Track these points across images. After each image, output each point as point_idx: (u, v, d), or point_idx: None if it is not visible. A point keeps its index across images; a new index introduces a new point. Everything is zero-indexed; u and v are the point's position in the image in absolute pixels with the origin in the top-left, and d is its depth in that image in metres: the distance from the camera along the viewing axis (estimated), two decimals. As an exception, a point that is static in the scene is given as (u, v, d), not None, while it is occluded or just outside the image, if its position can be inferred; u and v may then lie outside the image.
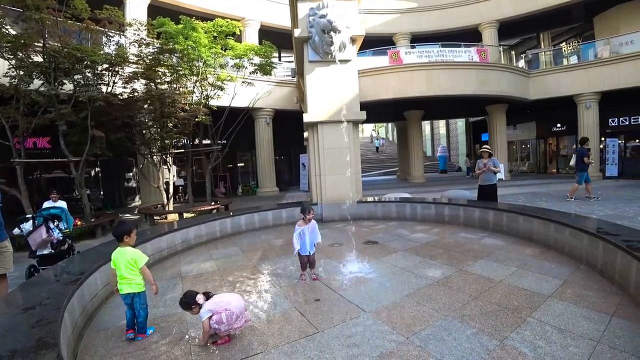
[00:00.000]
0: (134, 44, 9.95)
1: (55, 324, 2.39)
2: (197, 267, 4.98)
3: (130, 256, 2.88)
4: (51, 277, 3.56)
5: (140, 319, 2.92)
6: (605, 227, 4.27)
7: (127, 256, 2.88)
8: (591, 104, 15.43)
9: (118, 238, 2.95)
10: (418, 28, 19.24)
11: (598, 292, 3.36)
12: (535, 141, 21.45)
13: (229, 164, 18.65)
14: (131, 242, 2.98)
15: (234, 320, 2.68)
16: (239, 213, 7.52)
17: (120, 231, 2.95)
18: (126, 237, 2.95)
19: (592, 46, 16.47)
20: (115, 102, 8.76)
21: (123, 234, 2.94)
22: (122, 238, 2.94)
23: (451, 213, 6.97)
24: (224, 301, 2.73)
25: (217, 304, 2.70)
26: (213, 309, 2.67)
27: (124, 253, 2.90)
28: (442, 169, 26.28)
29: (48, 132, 10.45)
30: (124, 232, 2.95)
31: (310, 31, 7.41)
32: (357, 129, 8.49)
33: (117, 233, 2.96)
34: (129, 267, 2.86)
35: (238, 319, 2.70)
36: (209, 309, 2.66)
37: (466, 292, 3.53)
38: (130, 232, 2.97)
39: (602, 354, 2.37)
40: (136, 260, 2.88)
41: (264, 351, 2.62)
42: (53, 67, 8.07)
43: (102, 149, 9.18)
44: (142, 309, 2.92)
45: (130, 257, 2.88)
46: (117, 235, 2.95)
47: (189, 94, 10.80)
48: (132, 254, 2.90)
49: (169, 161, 11.56)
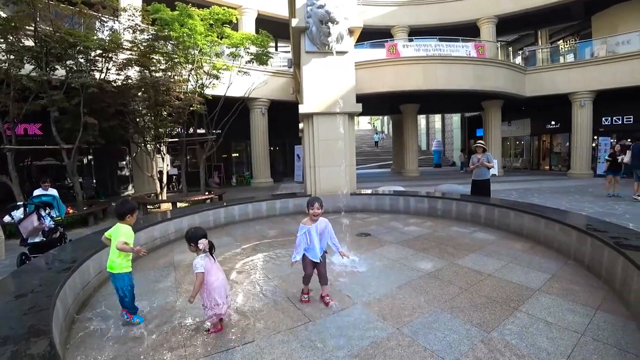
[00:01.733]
0: (128, 30, 9.76)
1: (47, 312, 2.39)
2: (190, 257, 4.93)
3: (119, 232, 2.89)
4: (43, 265, 3.55)
5: (126, 298, 2.94)
6: (594, 224, 4.34)
7: (120, 233, 2.89)
8: (585, 102, 15.55)
9: (121, 216, 2.95)
10: (417, 21, 19.13)
11: (584, 286, 3.43)
12: (530, 138, 21.62)
13: (223, 154, 18.55)
14: (131, 221, 3.00)
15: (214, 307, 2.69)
16: (233, 203, 7.51)
17: (125, 209, 2.95)
18: (129, 216, 2.96)
19: (589, 45, 16.54)
20: (108, 89, 8.62)
21: (127, 212, 2.95)
22: (124, 216, 2.95)
23: (444, 207, 7.03)
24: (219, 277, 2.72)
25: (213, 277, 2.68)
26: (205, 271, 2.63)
27: (118, 228, 2.92)
28: (437, 163, 26.41)
29: (39, 119, 10.29)
30: (128, 210, 2.95)
31: (308, 21, 7.33)
32: (352, 121, 8.48)
33: (121, 211, 2.95)
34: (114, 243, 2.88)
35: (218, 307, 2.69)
36: (202, 265, 2.62)
37: (456, 284, 3.59)
38: (134, 212, 2.98)
39: (585, 346, 2.44)
40: (118, 235, 2.87)
41: (256, 339, 2.65)
42: (45, 51, 7.91)
43: (95, 136, 9.05)
44: (127, 291, 2.93)
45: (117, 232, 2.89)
46: (120, 213, 2.95)
47: (184, 82, 10.66)
48: (123, 231, 2.90)
49: (163, 150, 11.46)
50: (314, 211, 3.15)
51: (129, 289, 2.94)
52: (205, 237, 2.69)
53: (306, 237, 3.16)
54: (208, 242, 2.70)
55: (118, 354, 2.53)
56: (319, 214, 3.18)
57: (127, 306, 2.96)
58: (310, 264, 3.21)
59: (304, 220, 3.27)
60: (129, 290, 2.94)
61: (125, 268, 2.94)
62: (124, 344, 2.67)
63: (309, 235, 3.15)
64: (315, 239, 3.16)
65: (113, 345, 2.65)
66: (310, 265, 3.22)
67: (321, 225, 3.20)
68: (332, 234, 3.28)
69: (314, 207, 3.15)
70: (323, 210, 3.23)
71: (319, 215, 3.18)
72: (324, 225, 3.21)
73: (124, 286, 2.91)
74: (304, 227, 3.18)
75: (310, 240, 3.16)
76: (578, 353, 2.36)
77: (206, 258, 2.68)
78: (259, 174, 16.46)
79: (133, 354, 2.52)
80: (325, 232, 3.22)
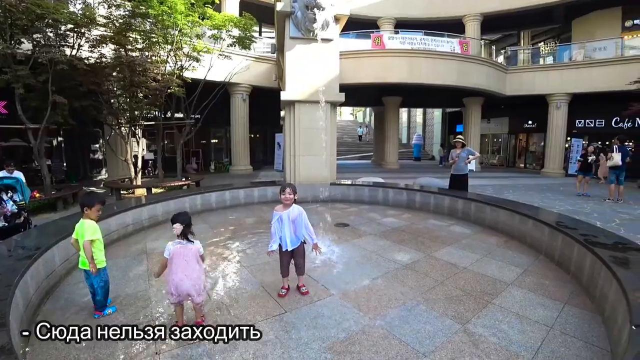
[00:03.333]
0: (102, 4, 9.19)
1: (4, 302, 2.24)
2: (163, 244, 4.77)
3: (82, 229, 2.74)
4: (3, 252, 3.30)
5: (98, 297, 2.80)
6: (565, 221, 4.48)
7: (82, 229, 2.74)
8: (562, 104, 16.05)
9: (81, 208, 2.82)
10: (404, 14, 19.06)
11: (554, 281, 3.54)
12: (507, 136, 22.18)
13: (202, 139, 18.05)
14: (91, 215, 2.82)
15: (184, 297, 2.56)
16: (210, 190, 7.33)
17: (83, 201, 2.85)
18: (86, 209, 2.80)
19: (568, 49, 17.00)
20: (80, 66, 8.11)
21: (83, 205, 2.82)
22: (82, 209, 2.81)
23: (422, 200, 7.11)
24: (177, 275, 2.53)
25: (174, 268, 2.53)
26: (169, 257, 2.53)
27: (82, 225, 2.75)
28: (416, 157, 26.77)
29: (4, 96, 9.62)
30: (83, 204, 2.83)
31: (294, 6, 7.14)
32: (335, 110, 8.40)
33: (80, 203, 2.86)
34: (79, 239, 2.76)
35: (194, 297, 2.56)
36: (168, 250, 2.54)
37: (432, 277, 3.63)
38: (91, 206, 2.81)
39: (554, 339, 2.52)
40: (83, 234, 2.73)
41: (230, 331, 2.58)
42: (9, 23, 7.35)
43: (65, 116, 8.53)
44: (100, 287, 2.79)
45: (82, 230, 2.74)
46: (80, 205, 2.85)
47: (162, 63, 10.20)
48: (85, 227, 2.75)
49: (138, 133, 11.00)
50: (285, 196, 3.06)
51: (101, 285, 2.80)
52: (183, 223, 2.54)
53: (279, 224, 3.06)
54: (183, 229, 2.54)
55: (85, 347, 2.40)
56: (290, 199, 3.08)
57: (98, 304, 2.82)
58: (285, 253, 3.14)
59: (277, 207, 3.17)
60: (102, 286, 2.80)
61: (99, 263, 2.81)
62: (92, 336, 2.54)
63: (281, 222, 3.06)
64: (287, 226, 3.05)
65: (79, 338, 2.51)
66: (285, 255, 3.14)
67: (294, 212, 3.09)
68: (306, 223, 3.17)
69: (285, 192, 3.06)
70: (297, 197, 3.15)
71: (290, 200, 3.08)
72: (297, 212, 3.10)
73: (97, 282, 2.78)
74: (277, 214, 3.08)
75: (282, 228, 3.05)
76: (547, 346, 2.43)
77: (177, 245, 2.55)
78: (239, 161, 16.16)
79: (101, 346, 2.39)
80: (299, 219, 3.10)
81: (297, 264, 3.20)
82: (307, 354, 2.32)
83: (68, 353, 2.34)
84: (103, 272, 2.82)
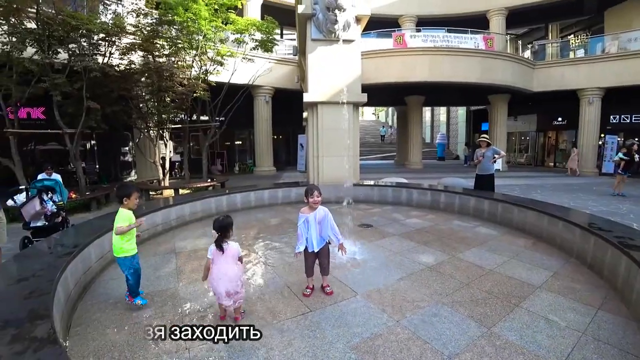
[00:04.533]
0: (131, 13, 9.62)
1: (48, 296, 2.39)
2: (191, 243, 4.99)
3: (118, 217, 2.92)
4: (45, 249, 3.55)
5: (130, 281, 2.98)
6: (598, 222, 4.30)
7: (119, 218, 2.92)
8: (594, 99, 15.33)
9: (119, 199, 3.00)
10: (425, 11, 18.77)
11: (586, 285, 3.41)
12: (535, 134, 21.40)
13: (226, 141, 18.49)
14: (130, 204, 3.00)
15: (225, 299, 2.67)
16: (235, 191, 7.51)
17: (121, 193, 3.01)
18: (125, 199, 2.97)
19: (601, 40, 16.22)
20: (111, 73, 8.55)
21: (123, 195, 2.99)
22: (121, 200, 2.99)
23: (446, 200, 7.00)
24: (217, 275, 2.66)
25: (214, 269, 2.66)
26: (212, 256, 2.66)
27: (119, 214, 2.95)
28: (440, 156, 26.28)
29: (42, 103, 10.20)
30: (124, 194, 2.99)
31: (315, 8, 7.21)
32: (357, 111, 8.41)
33: (118, 194, 3.02)
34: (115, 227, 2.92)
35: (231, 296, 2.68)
36: (210, 252, 2.67)
37: (457, 278, 3.58)
38: (130, 195, 2.98)
39: (586, 345, 2.43)
40: (117, 220, 2.91)
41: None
42: (47, 34, 7.81)
43: (98, 121, 9.00)
44: (130, 274, 2.97)
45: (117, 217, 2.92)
46: (118, 196, 3.01)
47: (188, 68, 10.55)
48: (122, 216, 2.93)
49: (166, 136, 11.41)
50: (314, 199, 3.06)
51: (131, 272, 2.97)
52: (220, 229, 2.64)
53: (305, 226, 3.09)
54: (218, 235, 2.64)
55: (119, 338, 2.54)
56: (318, 202, 3.09)
57: (130, 288, 3.01)
58: (310, 254, 3.17)
59: (303, 209, 3.19)
60: (132, 273, 2.97)
61: (128, 251, 2.97)
62: (124, 329, 2.69)
63: (307, 224, 3.09)
64: (313, 228, 3.08)
65: (113, 329, 2.66)
66: (310, 255, 3.18)
67: (320, 213, 3.10)
68: (332, 224, 3.20)
69: (314, 195, 3.05)
70: (322, 199, 3.17)
71: (318, 203, 3.09)
72: (323, 213, 3.12)
73: (128, 268, 2.96)
74: (303, 216, 3.11)
75: (308, 229, 3.09)
76: (578, 352, 2.35)
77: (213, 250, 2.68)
78: (262, 162, 16.42)
79: (134, 339, 2.53)
80: (325, 221, 3.13)
81: (321, 264, 3.23)
82: (332, 353, 2.36)
83: (104, 344, 2.48)
84: (131, 259, 2.98)
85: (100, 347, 2.45)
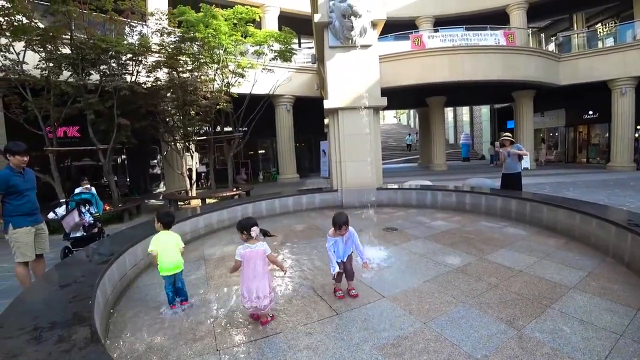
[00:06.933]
0: (156, 33, 10.11)
1: (89, 300, 2.56)
2: (219, 250, 5.15)
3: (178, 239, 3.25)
4: (84, 258, 3.79)
5: (185, 289, 3.27)
6: (635, 219, 4.09)
7: (176, 239, 3.23)
8: (627, 90, 14.56)
9: (168, 225, 3.27)
10: (442, 11, 18.54)
11: (624, 285, 3.26)
12: (565, 129, 20.55)
13: (250, 150, 18.89)
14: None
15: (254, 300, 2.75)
16: (260, 199, 7.66)
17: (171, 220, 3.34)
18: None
19: (631, 27, 15.45)
20: (139, 90, 8.99)
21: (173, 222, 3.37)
22: (170, 225, 3.30)
23: (472, 201, 6.85)
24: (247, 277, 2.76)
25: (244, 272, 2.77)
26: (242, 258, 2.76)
27: (172, 236, 3.23)
28: (465, 157, 25.67)
29: (77, 122, 10.86)
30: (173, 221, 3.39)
31: (331, 16, 7.31)
32: (377, 115, 8.40)
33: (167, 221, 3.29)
34: (178, 248, 3.20)
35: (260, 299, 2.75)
36: (239, 254, 2.77)
37: (485, 280, 3.51)
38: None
39: (625, 347, 2.32)
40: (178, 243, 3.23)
41: (284, 331, 2.72)
42: (80, 58, 8.33)
43: (128, 137, 9.48)
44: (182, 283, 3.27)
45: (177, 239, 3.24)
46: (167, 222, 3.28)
47: (210, 81, 10.94)
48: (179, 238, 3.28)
49: (192, 148, 11.83)
50: (341, 232, 3.19)
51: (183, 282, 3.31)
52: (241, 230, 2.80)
53: (335, 246, 3.27)
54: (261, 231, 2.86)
55: (154, 340, 2.67)
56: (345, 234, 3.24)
57: (184, 294, 3.26)
58: (338, 263, 3.28)
59: (330, 232, 3.30)
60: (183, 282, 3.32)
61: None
62: (158, 330, 2.82)
63: (336, 244, 3.27)
64: (340, 246, 3.28)
65: (148, 332, 2.80)
66: (337, 265, 3.29)
67: (346, 235, 3.27)
68: (357, 243, 3.31)
69: (342, 229, 3.16)
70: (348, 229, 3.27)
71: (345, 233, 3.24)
72: (348, 235, 3.28)
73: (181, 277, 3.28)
74: (332, 239, 3.25)
75: (337, 249, 3.28)
76: (616, 354, 2.25)
77: (247, 249, 2.76)
78: (285, 169, 16.65)
79: (168, 342, 2.65)
80: (351, 240, 3.29)
81: (347, 270, 3.30)
82: (359, 355, 2.38)
83: (139, 345, 2.61)
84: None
85: (136, 349, 2.58)
